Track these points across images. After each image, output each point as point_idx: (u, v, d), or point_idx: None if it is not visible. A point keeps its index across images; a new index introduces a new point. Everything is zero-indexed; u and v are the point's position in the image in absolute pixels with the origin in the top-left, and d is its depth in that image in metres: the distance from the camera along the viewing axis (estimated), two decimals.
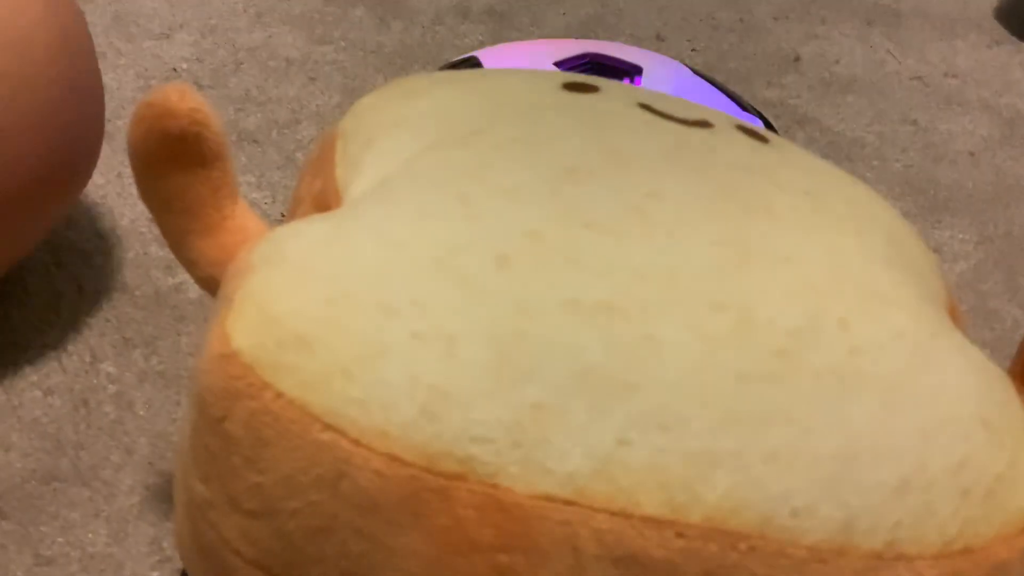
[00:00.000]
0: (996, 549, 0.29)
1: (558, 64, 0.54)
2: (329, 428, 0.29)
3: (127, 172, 0.63)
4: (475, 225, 0.31)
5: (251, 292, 0.31)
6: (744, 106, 0.55)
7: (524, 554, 0.28)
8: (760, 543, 0.28)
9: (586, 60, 0.55)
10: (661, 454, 0.28)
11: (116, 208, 0.61)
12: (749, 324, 0.30)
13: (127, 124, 0.37)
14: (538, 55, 0.55)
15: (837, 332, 0.30)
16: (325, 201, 0.37)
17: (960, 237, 0.66)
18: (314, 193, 0.38)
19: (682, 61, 0.58)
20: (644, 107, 0.38)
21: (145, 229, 0.60)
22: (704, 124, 0.37)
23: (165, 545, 0.45)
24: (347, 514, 0.29)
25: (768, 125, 0.54)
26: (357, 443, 0.29)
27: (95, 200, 0.62)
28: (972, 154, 0.73)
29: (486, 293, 0.30)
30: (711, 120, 0.38)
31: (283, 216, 0.62)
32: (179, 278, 0.57)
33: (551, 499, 0.28)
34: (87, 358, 0.53)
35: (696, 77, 0.55)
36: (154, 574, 0.44)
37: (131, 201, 0.62)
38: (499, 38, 0.79)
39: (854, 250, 0.33)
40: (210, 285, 0.38)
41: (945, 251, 0.65)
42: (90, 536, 0.45)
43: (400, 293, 0.30)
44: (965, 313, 0.39)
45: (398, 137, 0.36)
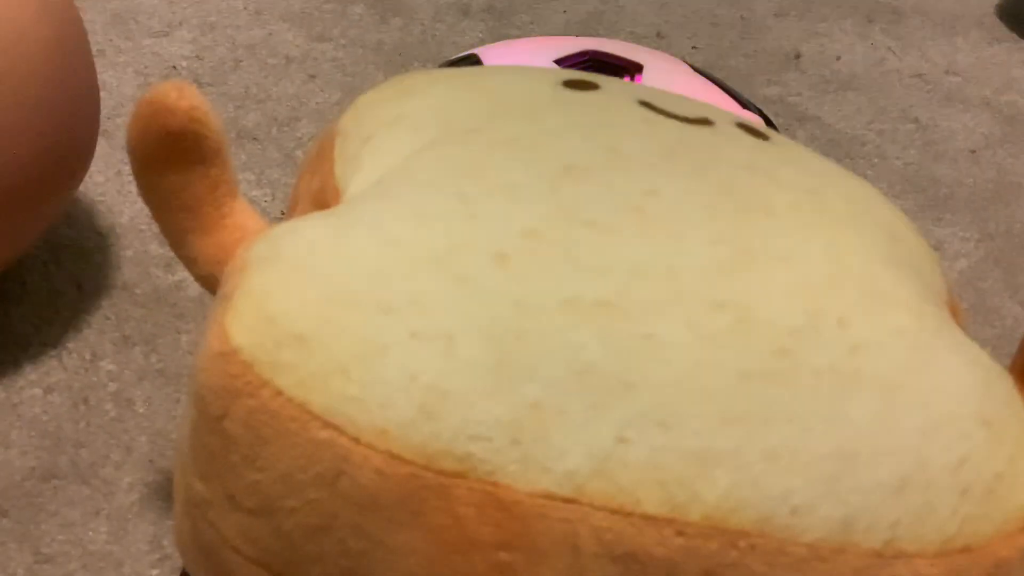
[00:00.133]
0: (996, 547, 0.29)
1: (558, 62, 0.54)
2: (328, 426, 0.29)
3: (126, 170, 0.63)
4: (474, 223, 0.31)
5: (250, 290, 0.31)
6: (745, 104, 0.54)
7: (523, 552, 0.28)
8: (760, 541, 0.28)
9: (586, 58, 0.55)
10: (660, 452, 0.28)
11: (115, 206, 0.61)
12: (748, 323, 0.30)
13: (126, 122, 0.37)
14: (538, 53, 0.55)
15: (837, 330, 0.30)
16: (324, 199, 0.37)
17: (960, 235, 0.66)
18: (313, 191, 0.38)
19: (683, 59, 0.57)
20: (644, 104, 0.37)
21: (144, 227, 0.60)
22: (705, 122, 0.37)
23: (165, 543, 0.45)
24: (346, 512, 0.29)
25: (769, 122, 0.54)
26: (356, 441, 0.29)
27: (94, 198, 0.62)
28: (973, 152, 0.73)
29: (485, 292, 0.30)
30: (712, 118, 0.38)
31: (282, 214, 0.62)
32: (178, 276, 0.57)
33: (550, 497, 0.28)
34: (87, 356, 0.53)
35: (697, 74, 0.55)
36: (154, 572, 0.44)
37: (130, 199, 0.62)
38: (499, 35, 0.79)
39: (854, 248, 0.33)
40: (209, 283, 0.38)
41: (945, 249, 0.65)
42: (90, 534, 0.45)
43: (398, 291, 0.30)
44: (965, 311, 0.39)
45: (397, 135, 0.36)
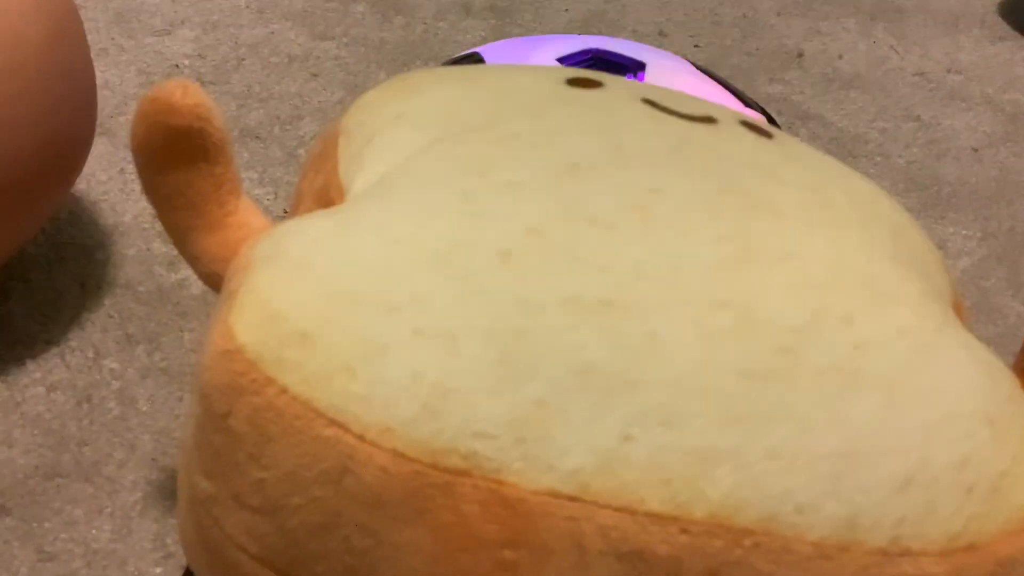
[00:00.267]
0: (1001, 545, 0.29)
1: (561, 60, 0.54)
2: (333, 424, 0.29)
3: (129, 168, 0.63)
4: (477, 221, 0.31)
5: (254, 288, 0.31)
6: (747, 102, 0.54)
7: (528, 550, 0.28)
8: (765, 539, 0.28)
9: (589, 56, 0.55)
10: (664, 451, 0.28)
11: (119, 204, 0.61)
12: (752, 321, 0.30)
13: (129, 120, 0.37)
14: (540, 51, 0.54)
15: (840, 329, 0.30)
16: (327, 197, 0.37)
17: (963, 233, 0.66)
18: (316, 189, 0.38)
19: (685, 57, 0.57)
20: (648, 102, 0.37)
21: (148, 225, 0.60)
22: (709, 120, 0.37)
23: (169, 541, 0.45)
24: (351, 510, 0.29)
25: (771, 121, 0.54)
26: (361, 439, 0.29)
27: (97, 196, 0.62)
28: (975, 150, 0.73)
29: (488, 290, 0.30)
30: (715, 115, 0.38)
31: (285, 212, 0.62)
32: (182, 274, 0.57)
33: (555, 495, 0.28)
34: (90, 354, 0.53)
35: (699, 73, 0.55)
36: (157, 570, 0.44)
37: (134, 197, 0.62)
38: (501, 34, 0.79)
39: (858, 246, 0.33)
40: (213, 281, 0.38)
41: (948, 247, 0.65)
42: (93, 532, 0.45)
43: (402, 290, 0.30)
44: (968, 309, 0.39)
45: (400, 133, 0.36)
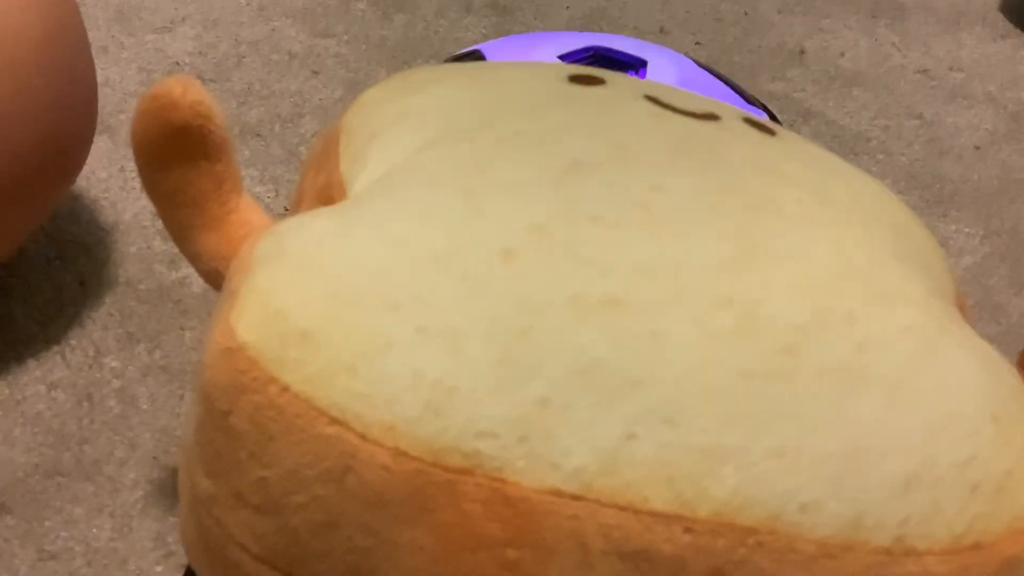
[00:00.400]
0: (1006, 544, 0.29)
1: (562, 58, 0.54)
2: (335, 422, 0.29)
3: (130, 166, 0.63)
4: (479, 220, 0.31)
5: (255, 286, 0.31)
6: (749, 99, 0.54)
7: (531, 549, 0.28)
8: (768, 538, 0.28)
9: (590, 53, 0.54)
10: (668, 449, 0.28)
11: (119, 202, 0.61)
12: (755, 319, 0.30)
13: (129, 118, 0.37)
14: (542, 48, 0.54)
15: (844, 327, 0.30)
16: (329, 195, 0.36)
17: (966, 231, 0.66)
18: (318, 187, 0.38)
19: (686, 55, 0.57)
20: (650, 100, 0.37)
21: (148, 223, 0.60)
22: (711, 117, 0.37)
23: (169, 540, 0.45)
24: (353, 509, 0.29)
25: (773, 119, 0.54)
26: (363, 437, 0.29)
27: (98, 194, 0.62)
28: (977, 148, 0.73)
29: (490, 288, 0.30)
30: (718, 112, 0.38)
31: (286, 210, 0.61)
32: (182, 272, 0.57)
33: (558, 494, 0.28)
34: (90, 353, 0.53)
35: (701, 70, 0.55)
36: (158, 569, 0.44)
37: (134, 195, 0.61)
38: (502, 32, 0.79)
39: (861, 244, 0.33)
40: (214, 279, 0.37)
41: (951, 245, 0.65)
42: (94, 531, 0.45)
43: (404, 288, 0.30)
44: (971, 307, 0.39)
45: (402, 131, 0.36)
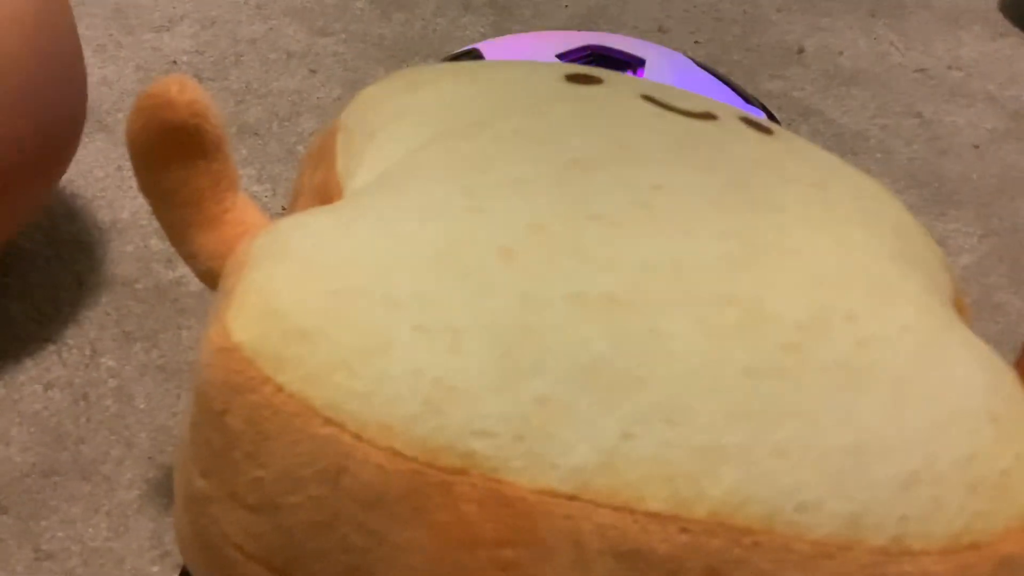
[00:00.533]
0: (1004, 543, 0.29)
1: (560, 56, 0.53)
2: (330, 422, 0.29)
3: (127, 165, 0.63)
4: (478, 218, 0.31)
5: (251, 285, 0.31)
6: (747, 98, 0.54)
7: (527, 549, 0.28)
8: (765, 538, 0.28)
9: (588, 52, 0.54)
10: (667, 448, 0.28)
11: (116, 201, 0.61)
12: (756, 318, 0.30)
13: (127, 116, 0.37)
14: (540, 47, 0.54)
15: (844, 326, 0.30)
16: (327, 193, 0.36)
17: (965, 230, 0.66)
18: (315, 185, 0.37)
19: (685, 53, 0.57)
20: (648, 99, 0.37)
21: (145, 222, 0.60)
22: (709, 116, 0.37)
23: (166, 539, 0.45)
24: (348, 509, 0.29)
25: (772, 118, 0.54)
26: (358, 437, 0.29)
27: (95, 193, 0.62)
28: (977, 147, 0.73)
29: (490, 286, 0.30)
30: (716, 112, 0.38)
31: (284, 209, 0.61)
32: (179, 271, 0.57)
33: (554, 494, 0.28)
34: (87, 352, 0.53)
35: (699, 69, 0.55)
36: (154, 568, 0.44)
37: (131, 194, 0.61)
38: (501, 30, 0.79)
39: (861, 243, 0.33)
40: (210, 278, 0.37)
41: (950, 244, 0.65)
42: (90, 530, 0.45)
43: (403, 286, 0.30)
44: (970, 306, 0.38)
45: (400, 129, 0.36)
